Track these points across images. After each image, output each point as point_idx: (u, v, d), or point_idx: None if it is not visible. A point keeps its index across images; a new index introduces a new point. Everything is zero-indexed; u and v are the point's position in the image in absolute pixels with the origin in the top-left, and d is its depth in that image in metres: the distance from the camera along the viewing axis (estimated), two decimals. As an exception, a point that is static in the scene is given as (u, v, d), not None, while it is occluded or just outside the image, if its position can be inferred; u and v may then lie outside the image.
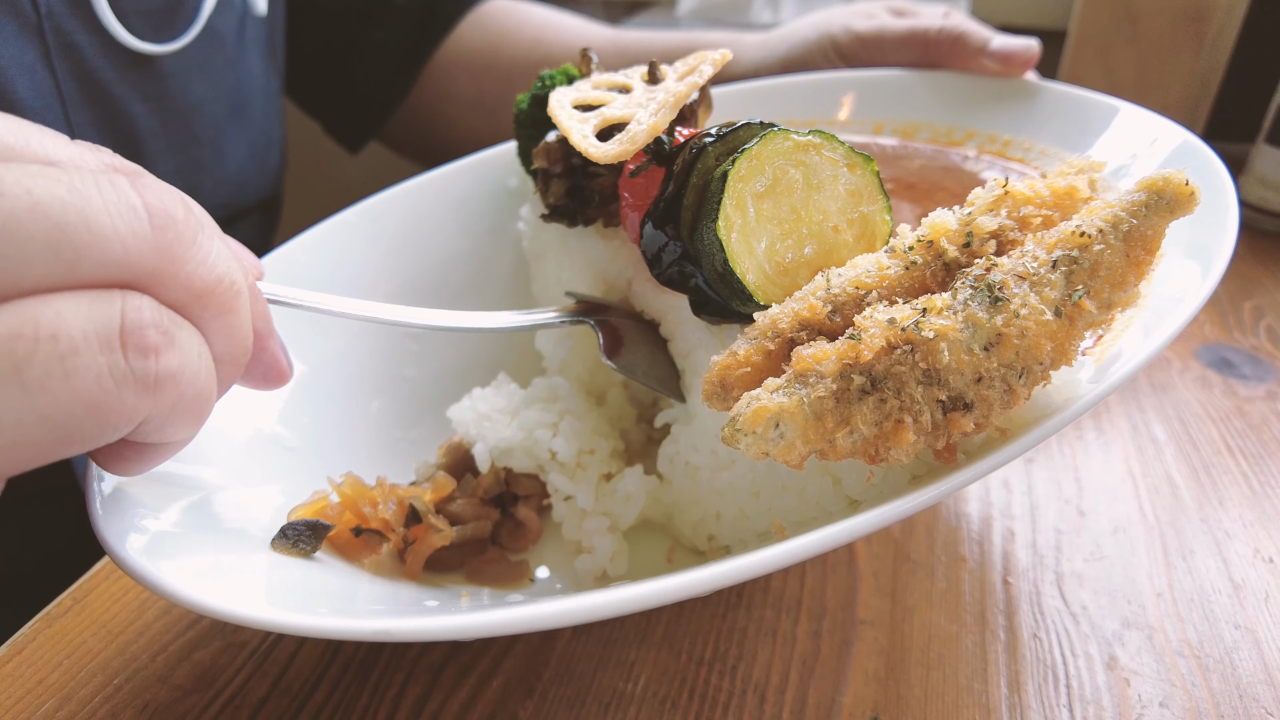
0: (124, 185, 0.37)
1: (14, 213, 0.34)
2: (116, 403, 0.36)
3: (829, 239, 0.56)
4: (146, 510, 0.52)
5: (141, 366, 0.37)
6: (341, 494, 0.65)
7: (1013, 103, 0.92)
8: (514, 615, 0.41)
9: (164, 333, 0.38)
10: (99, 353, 0.36)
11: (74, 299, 0.35)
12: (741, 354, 0.49)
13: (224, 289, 0.41)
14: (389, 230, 0.88)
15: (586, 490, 0.70)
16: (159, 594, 0.44)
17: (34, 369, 0.34)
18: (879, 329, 0.45)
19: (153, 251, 0.38)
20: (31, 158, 0.38)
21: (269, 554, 0.55)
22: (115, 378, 0.36)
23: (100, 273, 0.36)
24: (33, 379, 0.34)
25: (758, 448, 0.44)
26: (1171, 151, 0.73)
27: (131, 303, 0.37)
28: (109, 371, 0.36)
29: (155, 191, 0.38)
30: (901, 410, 0.45)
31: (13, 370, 0.34)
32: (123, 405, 0.37)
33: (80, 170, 0.37)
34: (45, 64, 0.85)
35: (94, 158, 0.41)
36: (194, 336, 0.40)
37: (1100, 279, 0.48)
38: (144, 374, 0.37)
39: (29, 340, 0.34)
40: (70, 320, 0.35)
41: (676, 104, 0.64)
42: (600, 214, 0.74)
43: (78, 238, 0.35)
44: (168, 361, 0.38)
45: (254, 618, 0.42)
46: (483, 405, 0.75)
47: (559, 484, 0.71)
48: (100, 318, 0.36)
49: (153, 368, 0.37)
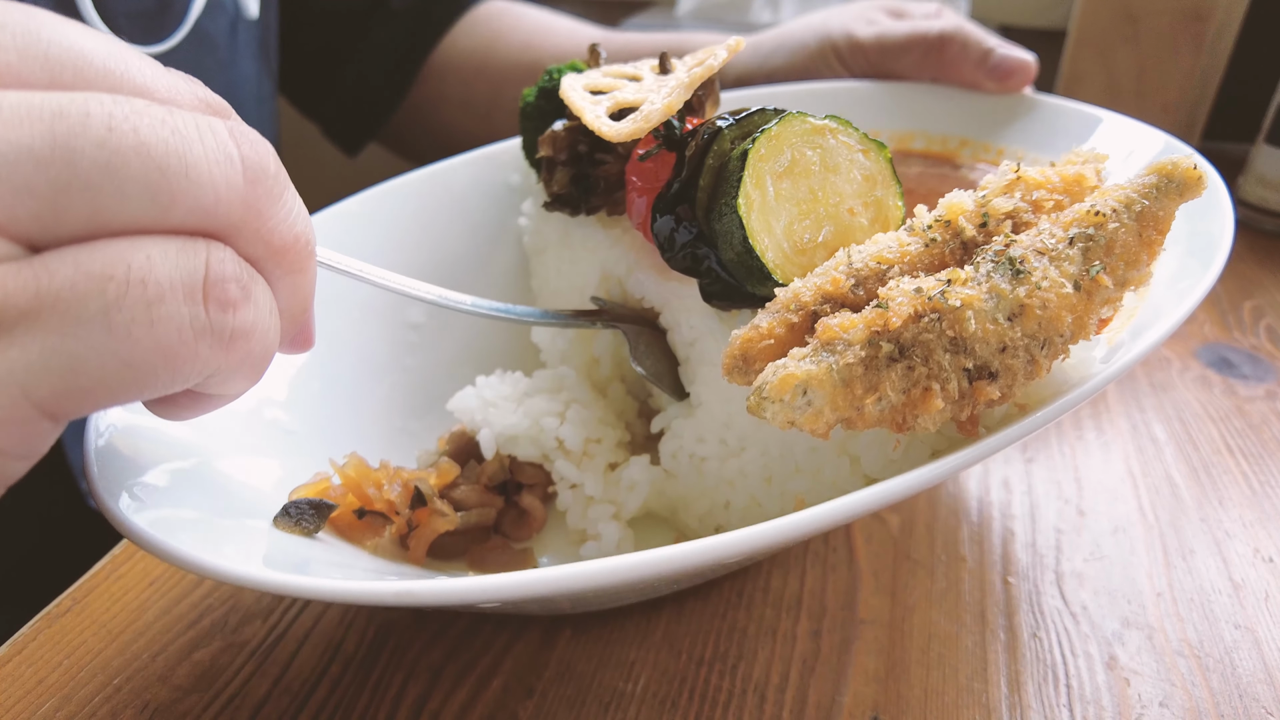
0: (222, 132, 0.37)
1: (120, 149, 0.33)
2: (192, 354, 0.36)
3: (845, 221, 0.57)
4: (145, 477, 0.52)
5: (220, 320, 0.37)
6: (344, 475, 0.65)
7: (1007, 116, 0.94)
8: (537, 577, 0.40)
9: (243, 287, 0.38)
10: (183, 303, 0.35)
11: (163, 244, 0.35)
12: (764, 326, 0.49)
13: (299, 247, 0.41)
14: (389, 221, 0.88)
15: (594, 478, 0.70)
16: (161, 557, 0.43)
17: (122, 313, 0.33)
18: (906, 298, 0.46)
19: (241, 204, 0.37)
20: (132, 87, 0.37)
21: (270, 532, 0.55)
22: (195, 329, 0.36)
23: (190, 220, 0.36)
24: (119, 322, 0.33)
25: (784, 416, 0.44)
26: (1157, 156, 0.73)
27: (216, 254, 0.37)
28: (190, 323, 0.35)
29: (250, 142, 0.38)
30: (929, 377, 0.45)
31: (101, 312, 0.33)
32: (197, 357, 0.36)
33: (181, 111, 0.36)
34: None
35: (188, 90, 0.40)
36: (266, 292, 0.40)
37: (1115, 256, 0.49)
38: (221, 327, 0.37)
39: (119, 283, 0.33)
40: (160, 266, 0.34)
41: (691, 84, 0.64)
42: (604, 202, 0.74)
43: (176, 184, 0.35)
44: (244, 316, 0.38)
45: (260, 579, 0.41)
46: (488, 392, 0.75)
47: (565, 471, 0.71)
48: (187, 266, 0.35)
49: (230, 322, 0.37)
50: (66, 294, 0.33)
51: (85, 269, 0.33)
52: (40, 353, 0.33)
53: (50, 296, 0.32)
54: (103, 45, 0.37)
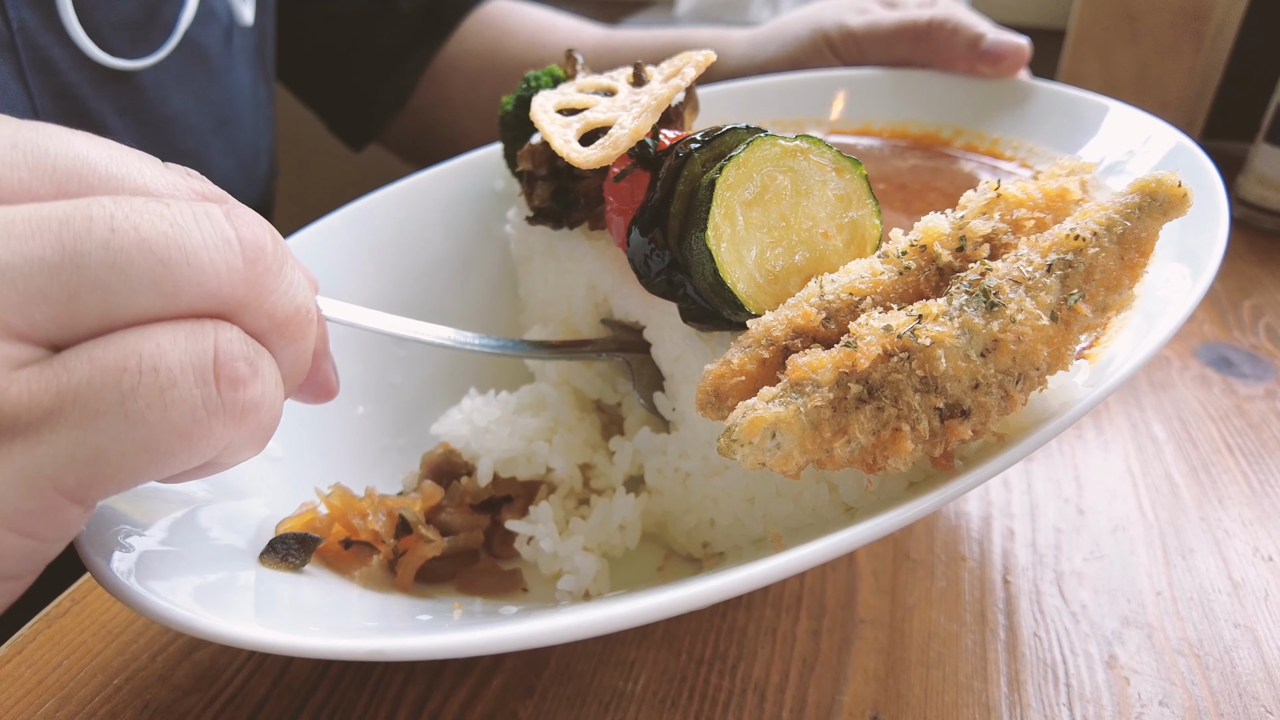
0: (219, 217, 0.39)
1: (124, 249, 0.35)
2: (206, 432, 0.38)
3: (819, 245, 0.56)
4: (131, 527, 0.51)
5: (232, 398, 0.39)
6: (330, 505, 0.64)
7: (1003, 102, 0.93)
8: (506, 633, 0.41)
9: (250, 364, 0.40)
10: (195, 385, 0.37)
11: (172, 330, 0.37)
12: (735, 362, 0.48)
13: (301, 318, 0.43)
14: (375, 233, 0.87)
15: (549, 534, 0.68)
16: (148, 617, 0.44)
17: (137, 401, 0.36)
18: (875, 336, 0.45)
19: (243, 283, 0.39)
20: (132, 188, 0.39)
21: (257, 569, 0.55)
22: (208, 409, 0.38)
23: (196, 304, 0.38)
24: (135, 411, 0.36)
25: (754, 458, 0.44)
26: (1164, 152, 0.73)
27: (224, 335, 0.39)
28: (203, 403, 0.38)
29: (247, 223, 0.40)
30: (899, 418, 0.44)
31: (118, 402, 0.35)
32: (212, 434, 0.38)
33: (179, 202, 0.38)
34: (18, 79, 0.83)
35: (186, 185, 0.42)
36: (272, 364, 0.42)
37: (1095, 282, 0.48)
38: (233, 404, 0.39)
39: (133, 373, 0.36)
40: (170, 353, 0.37)
41: (658, 108, 0.63)
42: (585, 216, 0.73)
43: (179, 273, 0.37)
44: (253, 391, 0.40)
45: (247, 638, 0.42)
46: (479, 418, 0.74)
47: (520, 529, 0.69)
48: (196, 350, 0.37)
49: (241, 398, 0.39)
50: (84, 390, 0.35)
51: (101, 364, 0.35)
52: (66, 447, 0.35)
53: (70, 393, 0.35)
54: (105, 151, 0.39)
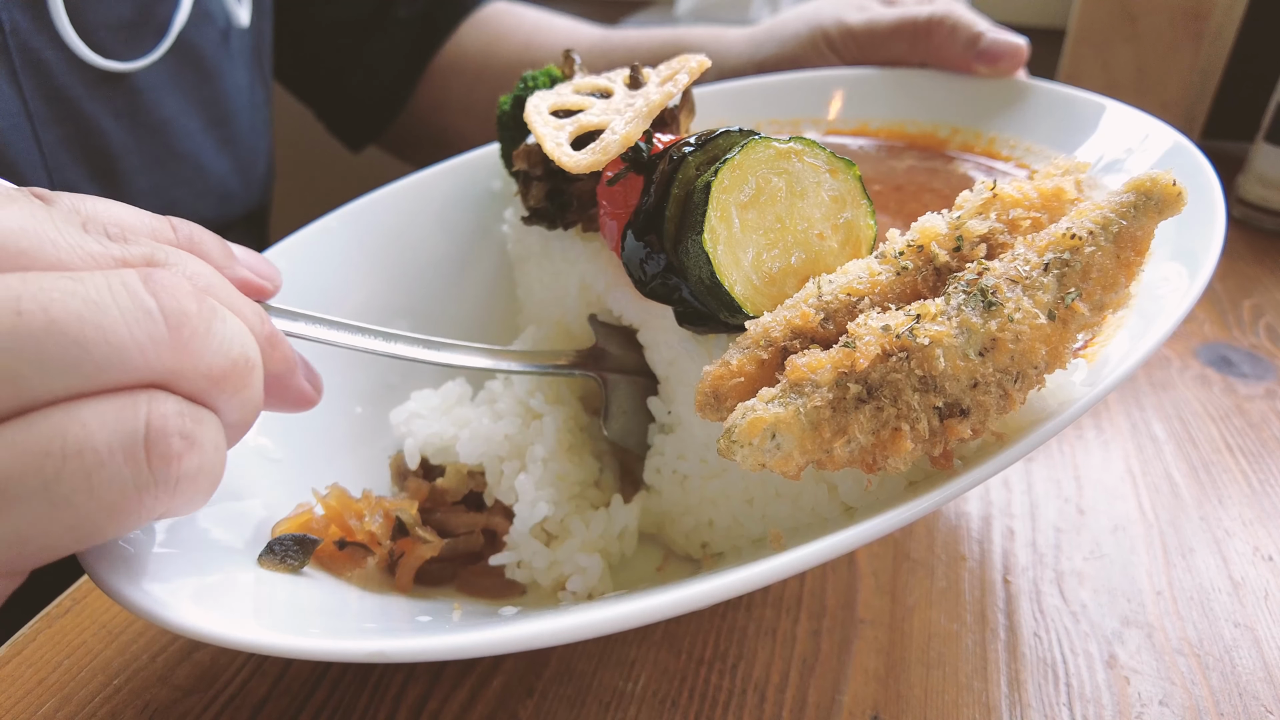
0: (137, 287, 0.38)
1: (32, 333, 0.34)
2: (137, 506, 0.37)
3: (815, 246, 0.56)
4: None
5: (164, 473, 0.38)
6: (327, 506, 0.64)
7: (1000, 101, 0.92)
8: (506, 635, 0.41)
9: (185, 437, 0.38)
10: (124, 465, 0.36)
11: (99, 407, 0.36)
12: (734, 364, 0.48)
13: (239, 369, 0.42)
14: (372, 234, 0.87)
15: (536, 551, 0.66)
16: (147, 619, 0.44)
17: (61, 486, 0.35)
18: (874, 336, 0.45)
19: (171, 352, 0.38)
20: (45, 262, 0.38)
21: (255, 571, 0.55)
22: (138, 486, 0.37)
23: (125, 379, 0.37)
24: (60, 495, 0.35)
25: (754, 459, 0.44)
26: (1161, 151, 0.73)
27: (157, 408, 0.38)
28: (133, 482, 0.37)
29: (168, 290, 0.39)
30: (898, 418, 0.44)
31: (41, 488, 0.34)
32: (142, 508, 0.38)
33: (93, 277, 0.37)
34: (11, 82, 0.83)
35: (103, 251, 0.41)
36: (213, 424, 0.41)
37: (1092, 281, 0.48)
38: (165, 479, 0.38)
39: (56, 458, 0.35)
40: (97, 434, 0.35)
41: (650, 114, 0.63)
42: (580, 218, 0.73)
43: (98, 352, 0.36)
44: (188, 465, 0.39)
45: (247, 641, 0.42)
46: (418, 405, 0.75)
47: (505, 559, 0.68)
48: (126, 429, 0.36)
49: (174, 473, 0.38)
50: (4, 476, 0.34)
51: (21, 448, 0.34)
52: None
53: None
54: (17, 223, 0.38)
